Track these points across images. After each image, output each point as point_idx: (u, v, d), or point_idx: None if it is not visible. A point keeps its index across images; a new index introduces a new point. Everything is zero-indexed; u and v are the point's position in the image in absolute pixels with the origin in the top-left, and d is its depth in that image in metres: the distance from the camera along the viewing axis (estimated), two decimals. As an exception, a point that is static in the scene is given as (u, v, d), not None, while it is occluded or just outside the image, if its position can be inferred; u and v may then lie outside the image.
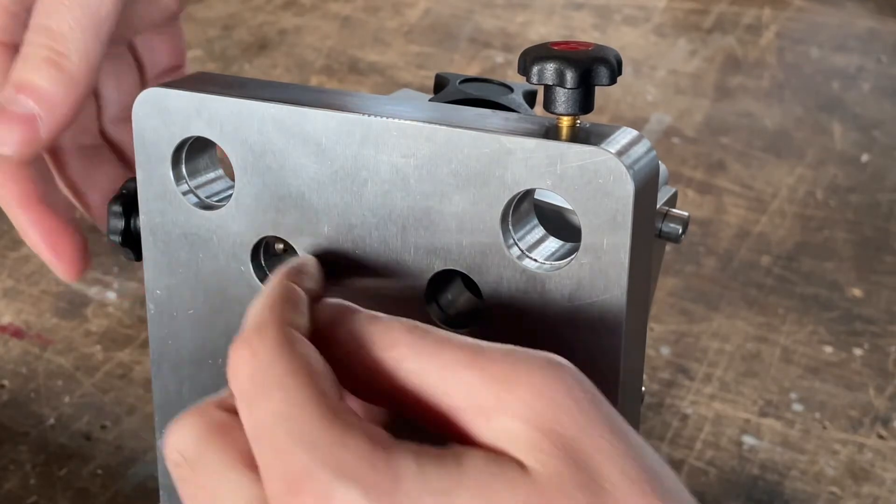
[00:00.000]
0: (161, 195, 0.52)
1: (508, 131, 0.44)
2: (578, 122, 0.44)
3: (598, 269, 0.43)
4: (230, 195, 0.50)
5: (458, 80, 0.59)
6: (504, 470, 0.36)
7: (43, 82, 0.52)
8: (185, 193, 0.51)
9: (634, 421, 0.47)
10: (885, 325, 1.14)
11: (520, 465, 0.36)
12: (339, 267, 0.49)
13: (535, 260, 0.45)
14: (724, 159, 1.43)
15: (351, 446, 0.35)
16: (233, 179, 0.51)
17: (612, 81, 0.44)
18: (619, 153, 0.42)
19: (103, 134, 0.63)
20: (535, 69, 0.44)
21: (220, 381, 0.54)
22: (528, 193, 0.45)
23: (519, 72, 0.45)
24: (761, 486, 0.94)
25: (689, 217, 0.53)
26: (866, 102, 1.59)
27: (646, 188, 0.43)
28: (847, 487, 0.94)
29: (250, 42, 1.69)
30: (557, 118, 0.44)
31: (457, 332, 0.46)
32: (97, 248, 1.20)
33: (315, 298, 0.43)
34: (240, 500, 0.38)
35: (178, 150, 0.51)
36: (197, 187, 0.52)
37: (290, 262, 0.46)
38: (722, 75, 1.65)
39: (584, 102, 0.44)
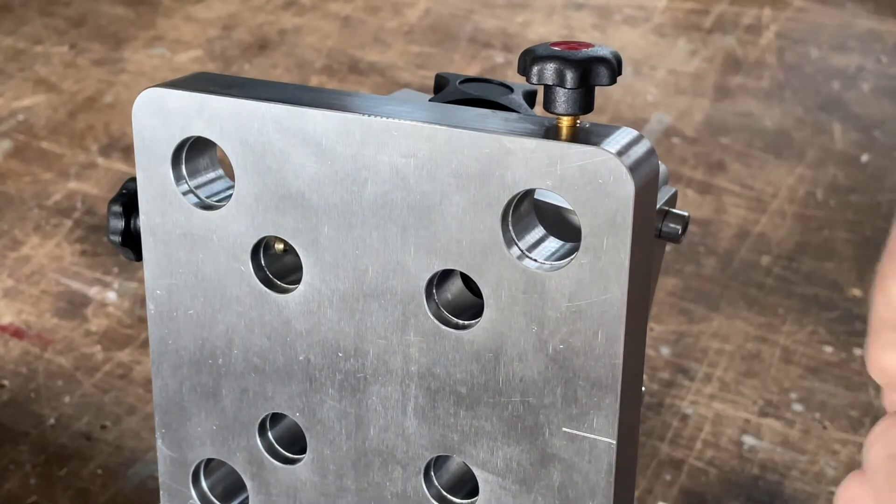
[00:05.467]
0: (161, 195, 0.52)
1: (508, 131, 0.44)
2: (578, 122, 0.44)
3: (598, 269, 0.43)
4: (230, 195, 0.50)
5: (458, 81, 0.59)
6: None
7: None
8: (185, 193, 0.51)
9: (634, 421, 0.47)
10: (885, 325, 1.14)
11: None
12: (339, 268, 0.49)
13: (535, 260, 0.45)
14: (724, 159, 1.43)
15: None
16: (233, 179, 0.51)
17: (612, 81, 0.44)
18: (620, 153, 0.42)
19: None
20: (535, 69, 0.44)
21: (220, 380, 0.54)
22: (528, 193, 0.45)
23: (519, 72, 0.45)
24: (761, 486, 0.94)
25: (689, 217, 0.53)
26: (866, 102, 1.59)
27: (646, 188, 0.43)
28: (847, 487, 0.94)
29: (250, 42, 1.69)
30: (557, 118, 0.44)
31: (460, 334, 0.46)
32: (97, 249, 1.21)
33: None
34: None
35: (178, 151, 0.51)
36: (197, 187, 0.52)
37: None
38: (722, 75, 1.65)
39: (584, 102, 0.44)
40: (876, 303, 0.40)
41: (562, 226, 0.49)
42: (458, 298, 0.50)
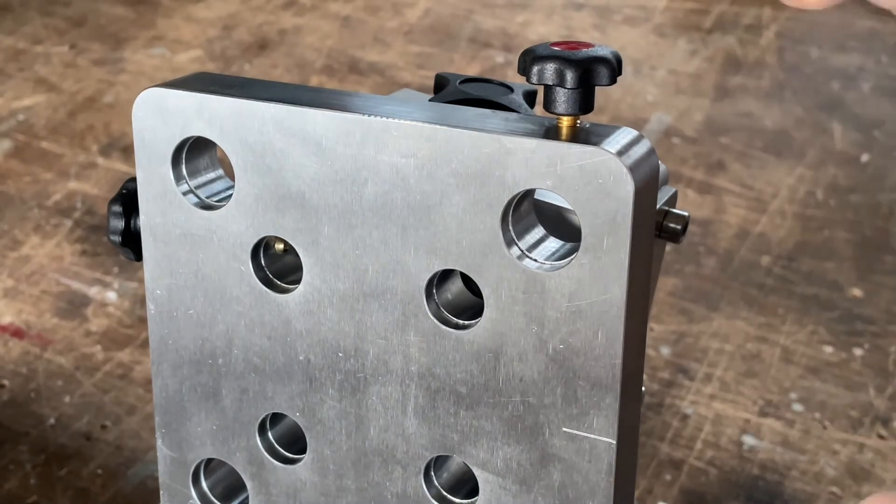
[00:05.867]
0: (161, 195, 0.52)
1: (508, 131, 0.44)
2: (578, 122, 0.44)
3: (598, 269, 0.43)
4: (230, 195, 0.50)
5: (459, 81, 0.59)
6: None
7: None
8: (185, 193, 0.51)
9: (634, 421, 0.47)
10: (885, 325, 1.14)
11: None
12: (339, 268, 0.49)
13: (535, 260, 0.45)
14: (724, 159, 1.43)
15: None
16: (233, 179, 0.51)
17: (612, 81, 0.44)
18: (620, 153, 0.42)
19: None
20: (535, 69, 0.44)
21: (220, 380, 0.54)
22: (528, 193, 0.45)
23: (519, 72, 0.45)
24: (761, 486, 0.94)
25: (689, 217, 0.53)
26: (866, 102, 1.59)
27: (646, 188, 0.43)
28: (847, 487, 0.94)
29: (250, 42, 1.69)
30: (557, 118, 0.44)
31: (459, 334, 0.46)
32: (97, 249, 1.21)
33: None
34: None
35: (178, 150, 0.51)
36: (197, 187, 0.52)
37: None
38: (722, 75, 1.65)
39: (584, 102, 0.44)
40: None
41: (562, 226, 0.49)
42: (458, 298, 0.50)
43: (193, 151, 0.52)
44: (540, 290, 0.45)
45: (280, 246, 0.51)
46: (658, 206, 0.52)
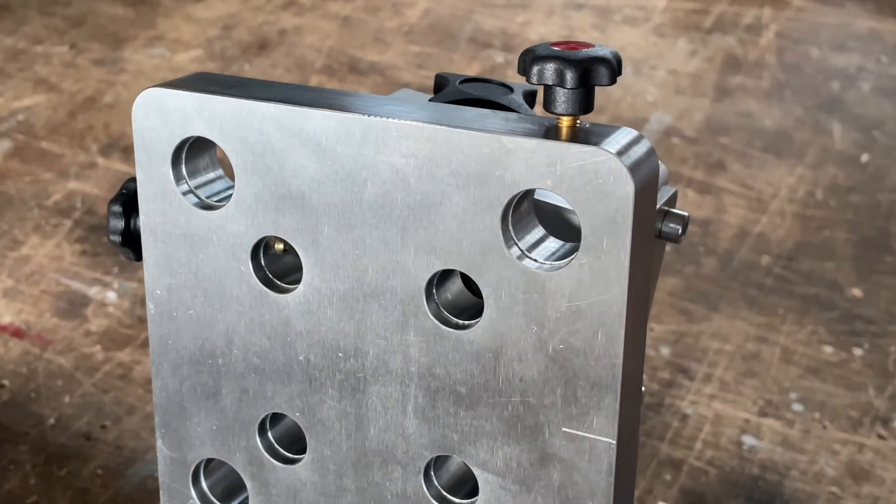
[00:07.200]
0: (161, 195, 0.52)
1: (508, 131, 0.44)
2: (578, 122, 0.44)
3: (598, 269, 0.43)
4: (230, 195, 0.50)
5: (458, 81, 0.59)
6: None
7: None
8: (185, 193, 0.51)
9: (634, 421, 0.47)
10: (885, 325, 1.14)
11: None
12: (339, 268, 0.49)
13: (535, 260, 0.45)
14: (724, 159, 1.43)
15: None
16: (233, 179, 0.51)
17: (612, 81, 0.44)
18: (620, 153, 0.42)
19: None
20: (535, 69, 0.44)
21: (220, 380, 0.54)
22: (528, 193, 0.45)
23: (519, 72, 0.45)
24: (761, 486, 0.94)
25: (688, 217, 0.53)
26: (866, 102, 1.59)
27: (646, 188, 0.43)
28: (847, 487, 0.94)
29: (250, 42, 1.69)
30: (557, 118, 0.44)
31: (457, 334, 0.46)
32: (97, 249, 1.21)
33: None
34: None
35: (178, 151, 0.51)
36: (197, 187, 0.52)
37: None
38: (722, 75, 1.65)
39: (584, 102, 0.44)
40: None
41: (562, 226, 0.49)
42: (458, 298, 0.50)
43: (193, 151, 0.52)
44: (540, 291, 0.45)
45: (280, 246, 0.51)
46: (658, 206, 0.52)
